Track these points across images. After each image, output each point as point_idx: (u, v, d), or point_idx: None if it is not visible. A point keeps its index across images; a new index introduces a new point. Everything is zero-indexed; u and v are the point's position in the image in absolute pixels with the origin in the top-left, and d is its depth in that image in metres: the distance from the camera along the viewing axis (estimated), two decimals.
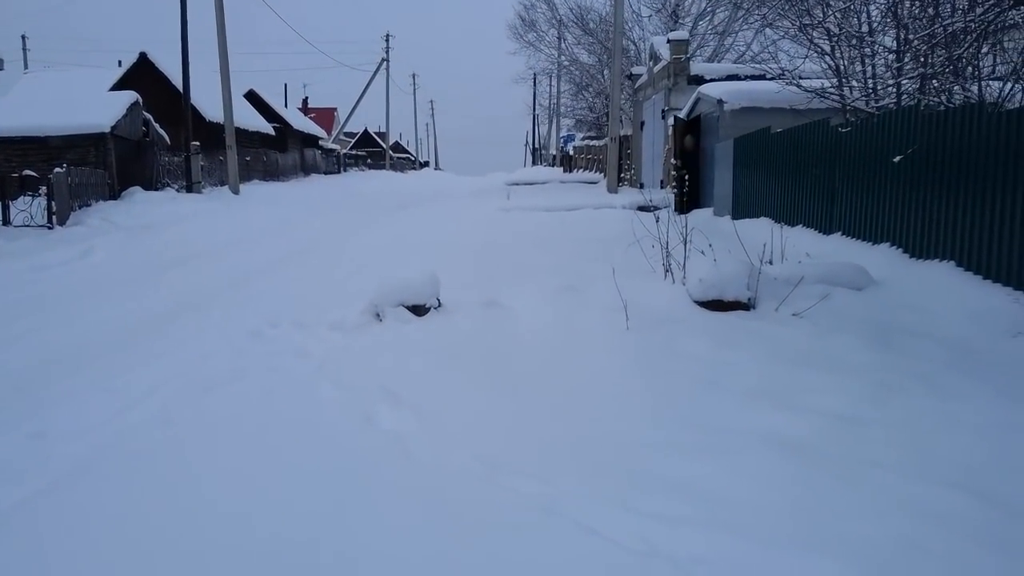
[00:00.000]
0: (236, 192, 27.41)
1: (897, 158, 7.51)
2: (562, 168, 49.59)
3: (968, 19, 7.38)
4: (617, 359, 5.73)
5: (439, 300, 7.42)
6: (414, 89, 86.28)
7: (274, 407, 5.20)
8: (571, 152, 49.72)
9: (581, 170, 43.34)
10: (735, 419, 4.49)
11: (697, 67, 23.95)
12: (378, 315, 7.27)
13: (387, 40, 66.54)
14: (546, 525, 3.29)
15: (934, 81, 9.22)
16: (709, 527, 3.22)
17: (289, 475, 4.04)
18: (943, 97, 9.32)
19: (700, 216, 14.51)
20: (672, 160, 10.03)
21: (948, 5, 9.21)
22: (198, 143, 26.89)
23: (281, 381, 5.77)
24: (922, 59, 9.75)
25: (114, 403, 5.48)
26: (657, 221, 8.41)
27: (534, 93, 66.91)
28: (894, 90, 10.48)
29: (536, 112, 69.62)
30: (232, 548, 3.29)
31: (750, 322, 6.74)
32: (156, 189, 24.30)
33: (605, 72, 39.31)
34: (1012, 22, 7.74)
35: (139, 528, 3.51)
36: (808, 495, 3.51)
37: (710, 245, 8.04)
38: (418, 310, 7.24)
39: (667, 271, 8.07)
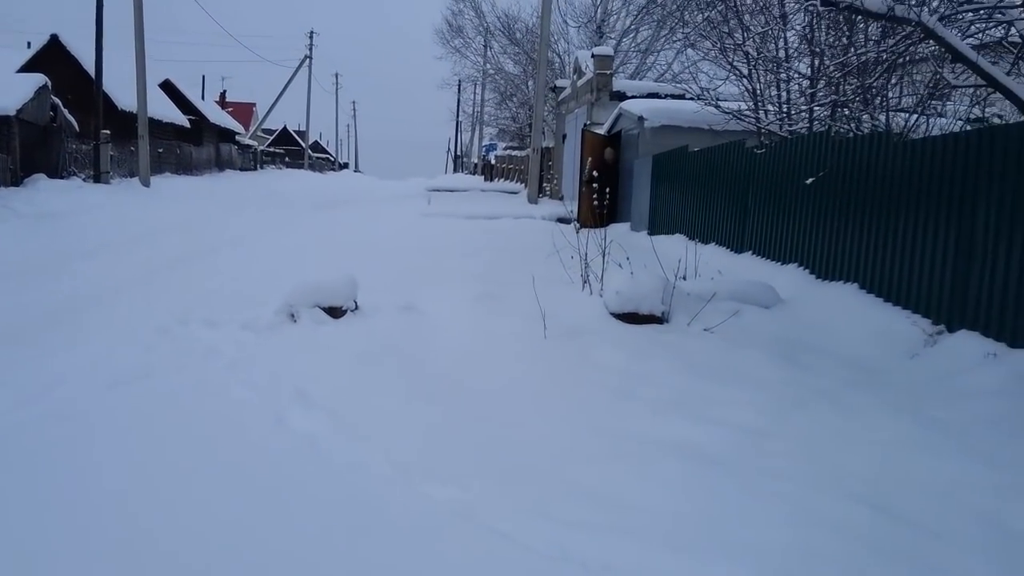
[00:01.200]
0: (147, 184, 26.48)
1: (809, 180, 7.83)
2: (483, 176, 49.65)
3: (880, 49, 7.73)
4: (534, 367, 5.78)
5: (356, 303, 7.35)
6: (336, 89, 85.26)
7: (181, 406, 5.04)
8: (493, 161, 49.87)
9: (502, 179, 43.47)
10: (648, 429, 4.58)
11: (620, 83, 24.38)
12: (293, 316, 7.14)
13: (311, 37, 65.57)
14: (460, 531, 3.29)
15: (845, 109, 9.61)
16: (621, 533, 3.27)
17: (195, 477, 3.93)
18: (852, 125, 9.73)
19: (618, 230, 14.73)
20: (589, 172, 10.16)
21: (861, 35, 9.64)
22: (109, 132, 25.88)
23: (189, 380, 5.60)
24: (834, 87, 10.16)
25: (8, 397, 5.22)
26: (577, 233, 8.51)
27: (458, 100, 66.92)
28: (807, 115, 10.89)
29: (459, 119, 69.62)
30: (129, 557, 3.17)
31: (664, 335, 6.89)
32: (62, 177, 23.28)
33: (530, 83, 39.66)
34: (920, 56, 8.14)
35: (22, 531, 3.35)
36: (715, 504, 3.61)
37: (627, 259, 8.18)
38: (335, 312, 7.14)
39: (585, 283, 8.18)
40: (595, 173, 9.65)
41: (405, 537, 3.28)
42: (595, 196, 9.09)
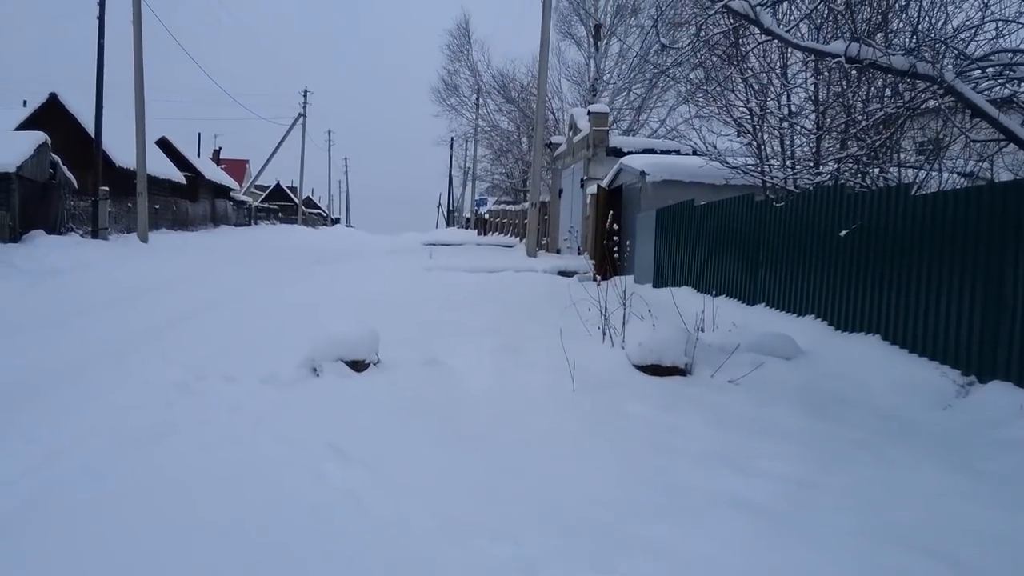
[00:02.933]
0: (145, 240, 26.48)
1: (843, 232, 7.88)
2: (477, 231, 49.99)
3: (897, 105, 7.86)
4: (567, 420, 5.72)
5: (378, 356, 7.29)
6: (329, 145, 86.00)
7: (213, 463, 4.94)
8: (486, 215, 50.24)
9: (496, 233, 43.76)
10: (693, 481, 4.51)
11: (615, 139, 24.72)
12: (315, 370, 7.08)
13: (305, 95, 66.31)
14: None
15: (853, 163, 9.74)
16: None
17: (235, 536, 3.82)
18: (860, 178, 9.85)
19: (622, 284, 14.78)
20: (609, 226, 10.20)
21: (866, 90, 9.81)
22: (107, 188, 25.97)
23: (217, 436, 5.50)
24: (840, 142, 10.31)
25: (37, 454, 5.10)
26: (597, 285, 8.53)
27: (451, 156, 67.58)
28: (813, 169, 11.02)
29: (452, 174, 70.26)
30: None
31: (689, 388, 6.85)
32: (60, 233, 23.25)
33: (524, 139, 40.16)
34: (927, 109, 8.28)
35: None
36: (775, 557, 3.54)
37: (649, 311, 8.17)
38: (357, 365, 7.08)
39: (605, 335, 8.15)
40: (616, 227, 9.70)
41: None
42: (615, 249, 9.11)
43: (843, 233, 7.90)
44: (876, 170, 9.53)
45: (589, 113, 24.89)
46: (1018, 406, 5.44)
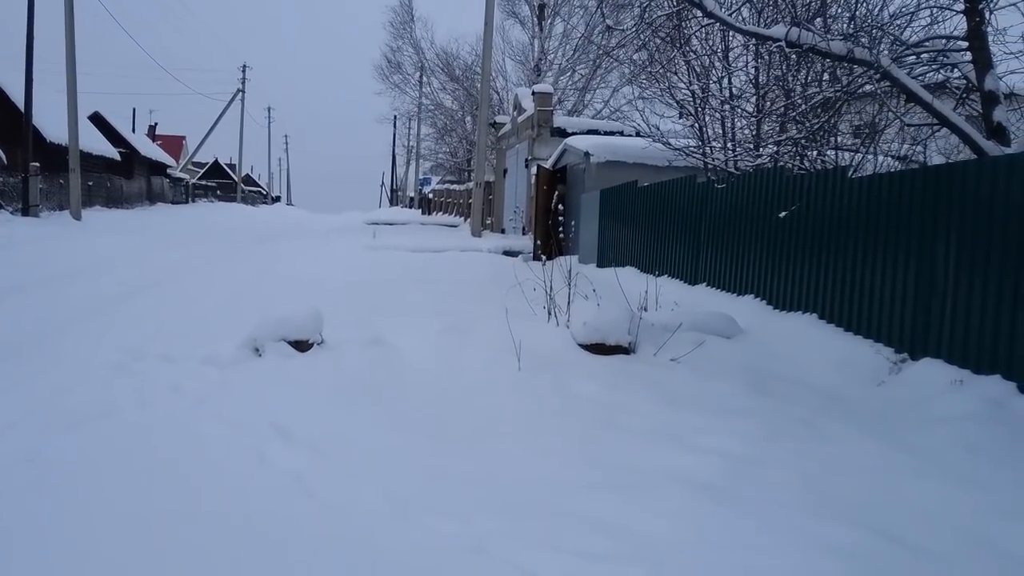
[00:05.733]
0: (78, 218, 25.68)
1: (782, 213, 8.02)
2: (421, 210, 49.68)
3: (835, 89, 8.02)
4: (513, 399, 5.75)
5: (322, 336, 7.21)
6: (269, 122, 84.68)
7: (154, 445, 4.83)
8: (430, 195, 49.95)
9: (440, 213, 43.57)
10: (640, 458, 4.59)
11: (560, 120, 24.75)
12: (257, 350, 6.97)
13: (244, 71, 64.88)
14: (478, 565, 3.22)
15: (792, 146, 9.92)
16: (637, 563, 3.25)
17: (179, 520, 3.74)
18: (798, 160, 10.05)
19: (567, 264, 14.86)
20: (553, 206, 10.22)
21: (805, 74, 9.99)
22: (38, 164, 25.08)
23: (158, 417, 5.38)
24: (780, 125, 10.49)
25: None
26: (542, 265, 8.56)
27: (394, 134, 67.02)
28: (753, 152, 11.19)
29: (395, 153, 69.61)
30: None
31: (633, 366, 6.94)
32: None
33: (468, 119, 39.97)
34: (864, 94, 8.47)
35: None
36: (723, 531, 3.62)
37: (594, 290, 8.24)
38: (300, 346, 6.99)
39: (550, 314, 8.19)
40: (560, 207, 9.73)
41: (419, 573, 3.19)
42: (560, 229, 9.14)
43: (782, 215, 8.06)
44: (814, 153, 9.73)
45: (533, 93, 24.87)
46: (948, 382, 5.64)
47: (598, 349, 7.29)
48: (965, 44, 6.77)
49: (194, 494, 4.06)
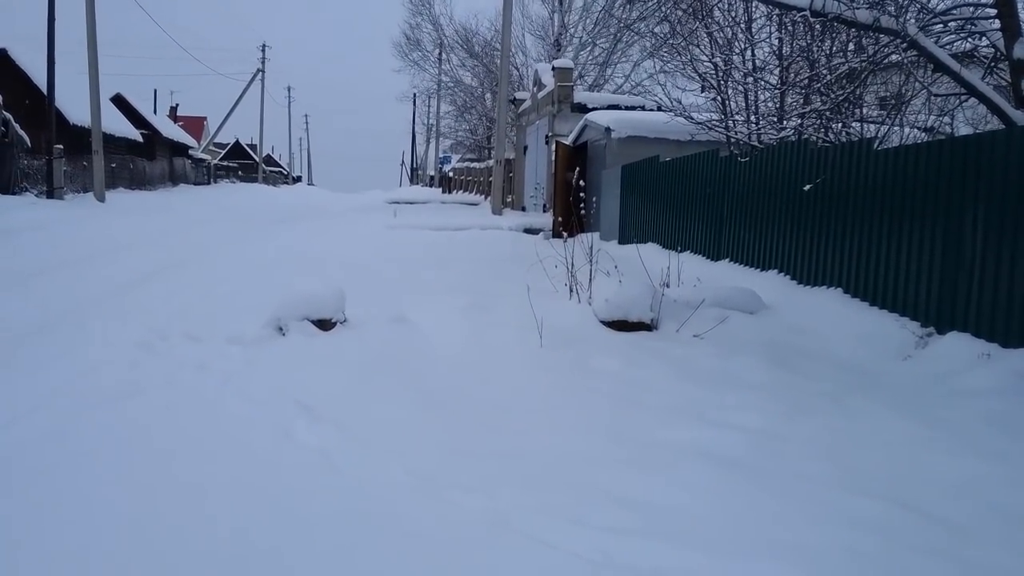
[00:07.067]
0: (102, 200, 25.89)
1: (807, 187, 7.93)
2: (441, 189, 49.65)
3: (860, 60, 7.89)
4: (536, 375, 5.76)
5: (345, 315, 7.24)
6: (289, 102, 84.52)
7: (180, 423, 4.89)
8: (450, 173, 49.89)
9: (460, 191, 43.54)
10: (662, 434, 4.58)
11: (580, 95, 24.58)
12: (281, 329, 7.01)
13: (263, 51, 64.87)
14: (501, 539, 3.24)
15: (816, 118, 9.79)
16: (662, 538, 3.26)
17: (206, 495, 3.79)
18: (823, 133, 9.93)
19: (588, 240, 14.82)
20: (575, 182, 10.16)
21: (829, 46, 9.84)
22: (61, 147, 25.28)
23: (184, 396, 5.44)
24: (804, 97, 10.35)
25: None
26: (563, 242, 8.54)
27: (413, 112, 66.84)
28: (777, 125, 11.06)
29: (415, 131, 69.50)
30: None
31: (655, 342, 6.92)
32: (13, 193, 22.67)
33: (488, 96, 39.78)
34: (890, 64, 8.33)
35: (29, 555, 3.21)
36: (748, 506, 3.62)
37: (615, 267, 8.21)
38: (324, 324, 7.02)
39: (572, 291, 8.18)
40: (582, 183, 9.68)
41: (444, 548, 3.22)
42: (581, 206, 9.10)
43: (807, 188, 7.97)
44: (839, 125, 9.60)
45: (553, 69, 24.70)
46: (975, 356, 5.58)
47: (620, 326, 7.27)
48: (994, 12, 6.64)
49: (221, 470, 4.11)
